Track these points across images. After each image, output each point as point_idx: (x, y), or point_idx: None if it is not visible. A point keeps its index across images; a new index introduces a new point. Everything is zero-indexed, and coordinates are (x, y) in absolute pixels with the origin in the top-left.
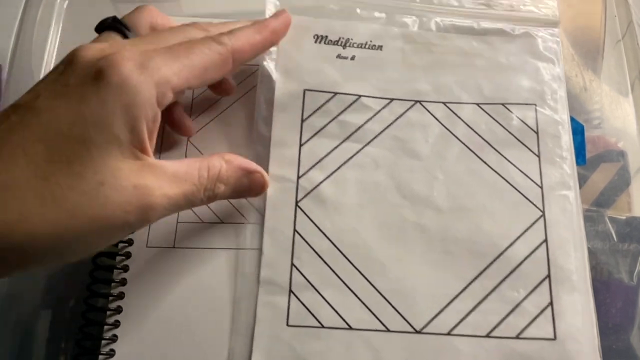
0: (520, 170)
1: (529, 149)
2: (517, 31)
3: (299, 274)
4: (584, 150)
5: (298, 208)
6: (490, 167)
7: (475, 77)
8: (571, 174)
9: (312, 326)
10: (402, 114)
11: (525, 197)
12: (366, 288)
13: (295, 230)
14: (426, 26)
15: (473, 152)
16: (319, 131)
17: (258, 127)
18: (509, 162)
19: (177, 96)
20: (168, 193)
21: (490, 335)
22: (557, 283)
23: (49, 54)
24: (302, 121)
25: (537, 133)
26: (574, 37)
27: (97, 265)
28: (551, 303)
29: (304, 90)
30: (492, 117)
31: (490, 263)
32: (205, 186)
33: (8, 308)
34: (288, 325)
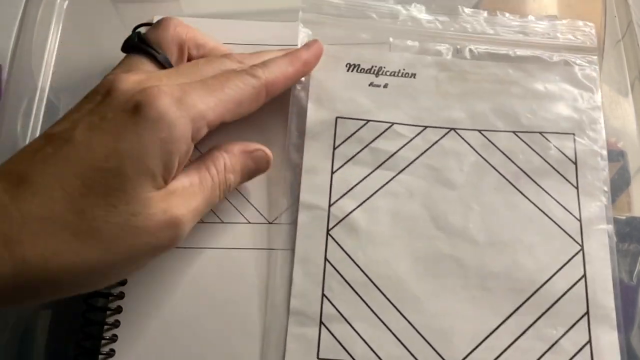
0: (558, 202)
1: (568, 181)
2: (555, 59)
3: (330, 305)
4: None
5: (329, 237)
6: (527, 199)
7: (511, 105)
8: (610, 207)
9: None
10: (436, 142)
11: (563, 231)
12: (400, 322)
13: (326, 259)
14: (460, 54)
15: (510, 182)
16: (351, 159)
17: (289, 154)
18: (547, 194)
19: (210, 129)
20: (192, 206)
21: None
22: (596, 321)
23: (49, 54)
24: (334, 149)
25: (576, 164)
26: None
27: None
28: (590, 342)
29: (336, 117)
30: (529, 146)
31: (527, 299)
32: (218, 184)
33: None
34: (319, 358)
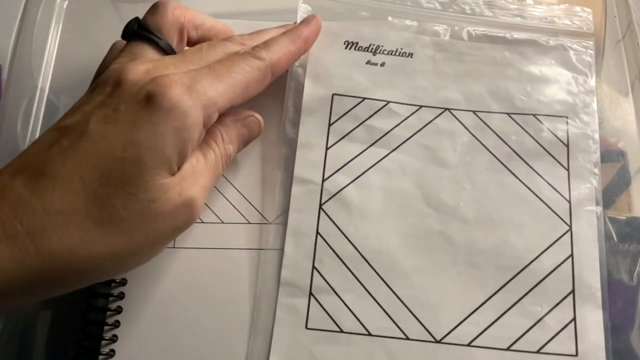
0: (548, 183)
1: (559, 162)
2: (551, 43)
3: (320, 277)
4: None
5: (322, 211)
6: (518, 179)
7: (506, 87)
8: (599, 190)
9: (331, 330)
10: (431, 121)
11: (552, 211)
12: (387, 295)
13: (318, 232)
14: (458, 35)
15: (502, 163)
16: (346, 135)
17: (285, 129)
18: (538, 175)
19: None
20: (202, 184)
21: (510, 348)
22: (582, 299)
23: (49, 54)
24: (330, 125)
25: (568, 146)
26: None
27: None
28: (574, 319)
29: (333, 94)
30: (523, 128)
31: (514, 276)
32: (221, 157)
33: None
34: (307, 328)
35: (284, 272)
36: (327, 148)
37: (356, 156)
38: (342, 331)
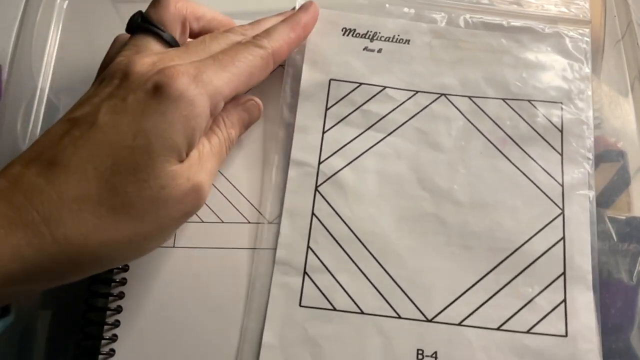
0: (542, 167)
1: (553, 147)
2: (547, 30)
3: (315, 257)
4: None
5: (317, 192)
6: (512, 163)
7: (502, 73)
8: (592, 175)
9: (325, 308)
10: (426, 106)
11: (545, 195)
12: (380, 275)
13: (313, 213)
14: (455, 23)
15: (496, 147)
16: (342, 119)
17: (282, 113)
18: (532, 159)
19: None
20: (208, 169)
21: (501, 328)
22: (572, 281)
23: (49, 54)
24: (326, 109)
25: (562, 132)
26: None
27: None
28: (564, 300)
29: (330, 80)
30: (517, 113)
31: (505, 258)
32: (224, 142)
33: None
34: (301, 305)
35: (279, 252)
36: (324, 132)
37: (352, 140)
38: (335, 309)
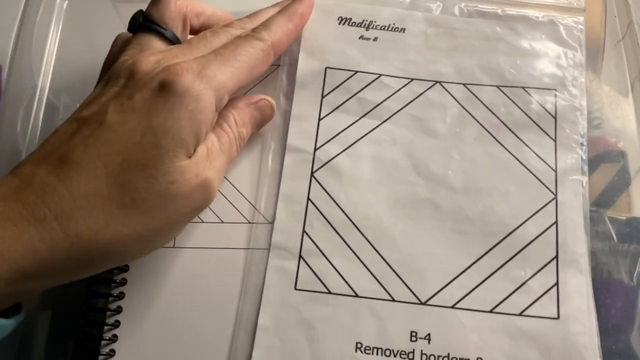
0: (535, 153)
1: (546, 134)
2: (542, 18)
3: (310, 241)
4: None
5: (313, 178)
6: (506, 149)
7: (497, 61)
8: (586, 160)
9: (320, 291)
10: (421, 94)
11: (538, 180)
12: (375, 259)
13: (309, 199)
14: (450, 11)
15: (490, 134)
16: (338, 107)
17: (279, 101)
18: (525, 145)
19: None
20: (217, 165)
21: (493, 311)
22: (565, 265)
23: (49, 54)
24: (322, 97)
25: (556, 118)
26: None
27: None
28: (557, 284)
29: (326, 68)
30: (512, 100)
31: (499, 242)
32: (235, 140)
33: None
34: (296, 289)
35: (275, 236)
36: (320, 119)
37: (348, 127)
38: (330, 292)
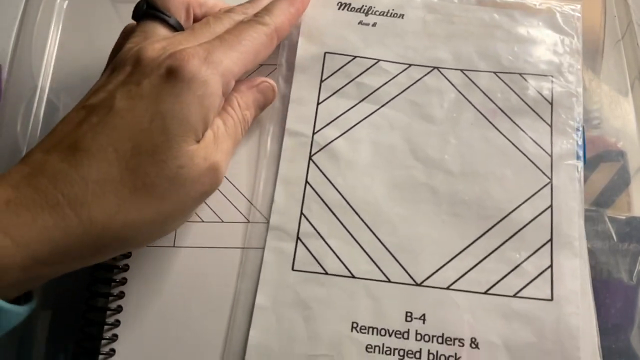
0: (531, 138)
1: (542, 119)
2: (539, 5)
3: (308, 223)
4: (584, 150)
5: (311, 161)
6: (502, 134)
7: (494, 48)
8: (581, 145)
9: (317, 272)
10: (419, 79)
11: (534, 164)
12: (371, 241)
13: (307, 182)
14: None
15: (486, 119)
16: (337, 91)
17: (278, 85)
18: (521, 130)
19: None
20: (224, 149)
21: (488, 292)
22: (559, 247)
23: (49, 54)
24: (321, 82)
25: (552, 104)
26: None
27: (98, 265)
28: (551, 266)
29: (325, 53)
30: (509, 86)
31: (494, 225)
32: (239, 123)
33: None
34: (293, 269)
35: (273, 218)
36: (319, 103)
37: (346, 111)
38: (327, 273)
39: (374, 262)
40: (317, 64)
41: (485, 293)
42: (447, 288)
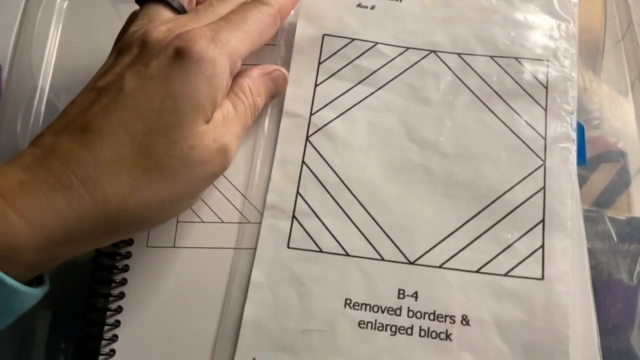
0: (526, 121)
1: (537, 103)
2: None
3: (303, 202)
4: (584, 150)
5: (308, 142)
6: (497, 117)
7: (491, 32)
8: (575, 129)
9: (311, 250)
10: (416, 62)
11: (528, 147)
12: (366, 220)
13: (303, 162)
14: None
15: (482, 102)
16: (335, 73)
17: None
18: (516, 113)
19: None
20: (234, 132)
21: (479, 271)
22: (551, 228)
23: (49, 54)
24: (319, 64)
25: (547, 88)
26: None
27: (98, 265)
28: (542, 246)
29: (323, 35)
30: (504, 70)
31: (487, 205)
32: (250, 108)
33: None
34: (289, 247)
35: (270, 196)
36: (316, 85)
37: (343, 93)
38: (322, 251)
39: (368, 241)
40: (316, 46)
41: (477, 272)
42: (440, 267)
